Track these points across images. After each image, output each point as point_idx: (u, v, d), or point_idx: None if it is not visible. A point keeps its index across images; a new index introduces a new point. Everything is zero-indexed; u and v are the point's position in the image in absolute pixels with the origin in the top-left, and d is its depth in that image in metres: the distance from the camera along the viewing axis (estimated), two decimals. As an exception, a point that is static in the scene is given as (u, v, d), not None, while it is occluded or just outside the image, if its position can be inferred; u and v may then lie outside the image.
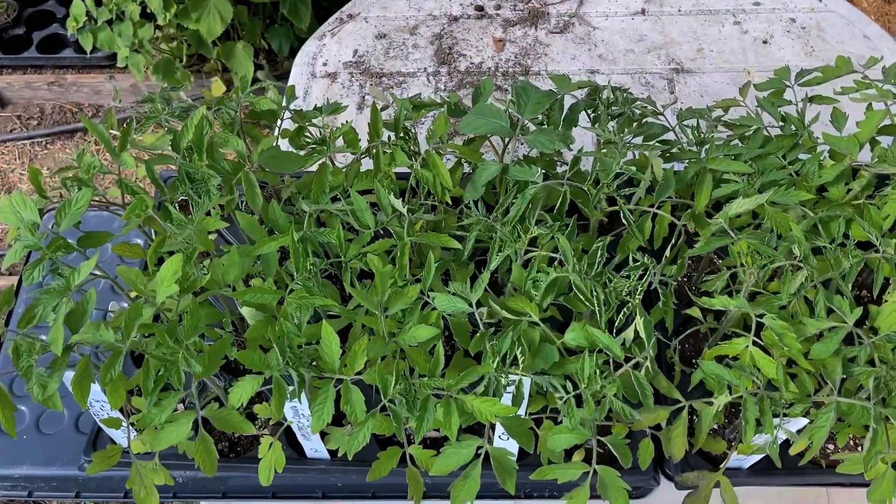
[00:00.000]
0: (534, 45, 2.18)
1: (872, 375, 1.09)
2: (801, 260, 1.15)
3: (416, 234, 1.27)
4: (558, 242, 1.18)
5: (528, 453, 1.30)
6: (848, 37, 2.14)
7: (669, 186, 1.28)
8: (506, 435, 1.15)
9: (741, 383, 1.09)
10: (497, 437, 1.20)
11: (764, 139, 1.36)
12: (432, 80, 2.13)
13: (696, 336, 1.48)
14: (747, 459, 1.30)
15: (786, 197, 1.22)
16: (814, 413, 1.07)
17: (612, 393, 1.07)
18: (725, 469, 1.33)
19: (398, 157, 1.34)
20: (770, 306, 1.14)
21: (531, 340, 1.16)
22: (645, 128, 1.40)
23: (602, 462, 1.15)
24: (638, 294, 1.13)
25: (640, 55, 2.15)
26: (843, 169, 1.27)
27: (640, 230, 1.25)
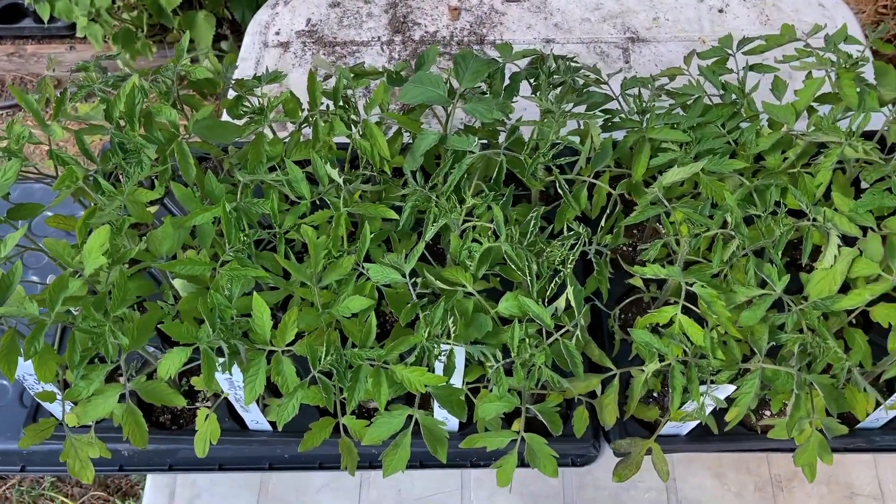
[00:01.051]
0: (489, 14, 2.16)
1: (798, 342, 1.10)
2: (733, 228, 1.16)
3: (353, 205, 1.26)
4: (493, 212, 1.18)
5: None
6: (803, 5, 2.14)
7: (606, 156, 1.28)
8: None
9: (669, 351, 1.10)
10: (437, 406, 1.20)
11: (704, 108, 1.36)
12: (386, 50, 2.11)
13: (639, 304, 1.49)
14: (684, 426, 1.32)
15: (720, 165, 1.22)
16: (740, 380, 1.08)
17: (542, 361, 1.07)
18: (663, 436, 1.35)
19: (337, 126, 1.33)
20: (702, 275, 1.15)
21: (464, 310, 1.16)
22: (587, 97, 1.39)
23: (541, 430, 1.16)
24: (570, 263, 1.13)
25: (596, 24, 2.13)
26: (778, 138, 1.27)
27: (577, 200, 1.25)
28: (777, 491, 1.49)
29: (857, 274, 1.11)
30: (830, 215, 1.14)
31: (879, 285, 1.09)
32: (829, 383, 1.09)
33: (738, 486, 1.50)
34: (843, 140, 1.19)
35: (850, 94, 1.28)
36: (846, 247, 1.13)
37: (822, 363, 1.09)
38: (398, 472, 1.10)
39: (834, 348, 1.08)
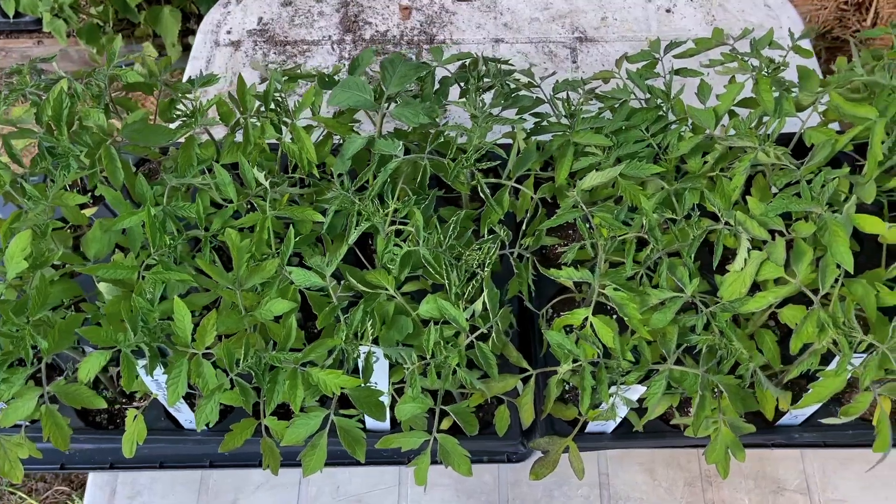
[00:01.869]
0: (440, 14, 2.18)
1: (706, 343, 1.13)
2: (647, 232, 1.18)
3: (281, 208, 1.28)
4: (414, 216, 1.20)
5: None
6: (749, 6, 2.16)
7: (528, 160, 1.30)
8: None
9: (580, 352, 1.12)
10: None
11: (631, 112, 1.38)
12: (336, 49, 2.12)
13: (571, 304, 1.52)
14: (609, 424, 1.35)
15: (638, 169, 1.25)
16: (649, 381, 1.11)
17: (455, 363, 1.10)
18: (590, 434, 1.38)
19: (267, 130, 1.35)
20: (616, 277, 1.18)
21: (385, 313, 1.18)
22: (515, 101, 1.41)
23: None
24: (488, 266, 1.15)
25: (545, 24, 2.15)
26: (698, 142, 1.30)
27: (499, 203, 1.27)
28: (706, 486, 1.52)
29: (763, 277, 1.14)
30: (742, 219, 1.16)
31: (783, 289, 1.12)
32: (735, 384, 1.12)
33: (669, 482, 1.54)
34: (756, 145, 1.22)
35: (767, 99, 1.30)
36: (756, 250, 1.16)
37: (730, 364, 1.12)
38: (317, 471, 1.13)
39: (740, 349, 1.10)
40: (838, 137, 1.23)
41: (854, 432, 1.35)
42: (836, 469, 1.54)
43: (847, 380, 1.08)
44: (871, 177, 1.20)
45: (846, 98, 1.32)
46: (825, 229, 1.11)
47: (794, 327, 1.14)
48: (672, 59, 1.45)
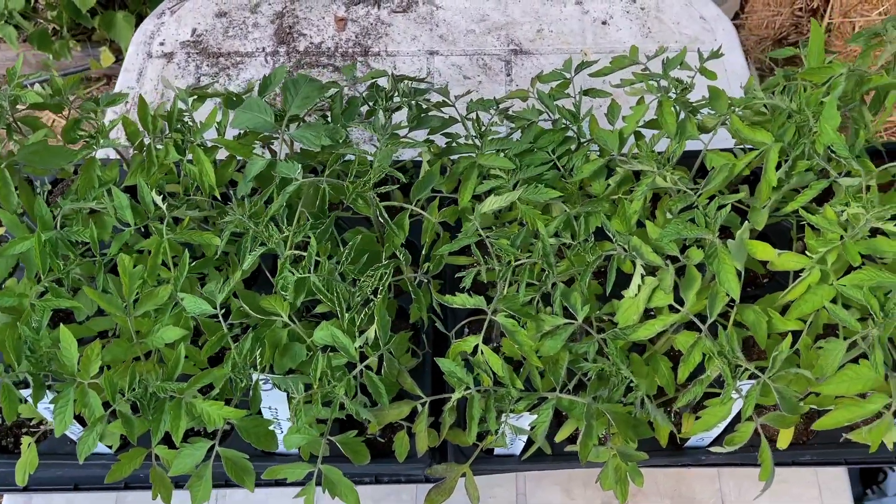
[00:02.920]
0: (375, 25, 2.16)
1: (595, 370, 1.12)
2: (542, 257, 1.18)
3: (179, 232, 1.26)
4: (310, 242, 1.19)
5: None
6: (685, 18, 2.17)
7: (428, 183, 1.29)
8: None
9: (469, 380, 1.12)
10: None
11: (539, 133, 1.38)
12: (270, 61, 2.10)
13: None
14: (516, 446, 1.34)
15: (535, 194, 1.24)
16: (537, 409, 1.11)
17: (342, 393, 1.09)
18: (498, 456, 1.37)
19: (170, 151, 1.33)
20: (511, 303, 1.17)
21: (278, 340, 1.17)
22: (425, 121, 1.40)
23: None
24: (381, 293, 1.14)
25: (481, 36, 2.15)
26: (600, 165, 1.30)
27: (400, 227, 1.27)
28: (623, 505, 1.52)
29: (654, 304, 1.14)
30: (637, 244, 1.16)
31: (670, 317, 1.12)
32: (624, 412, 1.11)
33: (586, 501, 1.54)
34: (654, 168, 1.21)
35: (670, 121, 1.30)
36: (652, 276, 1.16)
37: (619, 391, 1.12)
38: (205, 501, 1.11)
39: (628, 376, 1.10)
40: (736, 161, 1.23)
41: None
42: (750, 487, 1.55)
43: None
44: (764, 202, 1.20)
45: (752, 120, 1.32)
46: (714, 256, 1.11)
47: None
48: (601, 78, 1.45)
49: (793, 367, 1.13)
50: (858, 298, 1.05)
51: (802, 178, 1.22)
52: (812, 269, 1.12)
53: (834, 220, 1.13)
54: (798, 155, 1.21)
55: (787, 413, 1.04)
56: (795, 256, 1.13)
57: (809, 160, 1.21)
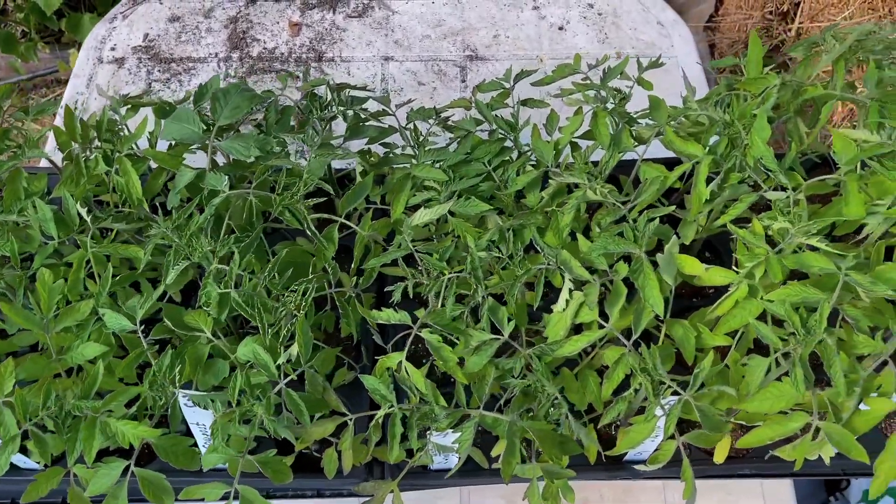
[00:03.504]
0: (330, 30, 2.14)
1: (521, 387, 1.11)
2: (470, 272, 1.16)
3: (104, 245, 1.24)
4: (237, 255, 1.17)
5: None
6: (642, 23, 2.15)
7: (359, 195, 1.27)
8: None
9: (392, 398, 1.10)
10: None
11: (476, 143, 1.36)
12: (223, 66, 2.08)
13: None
14: (451, 461, 1.32)
15: (466, 207, 1.22)
16: (460, 426, 1.09)
17: (261, 412, 1.07)
18: (435, 471, 1.36)
19: (99, 162, 1.31)
20: (439, 318, 1.15)
21: (200, 356, 1.15)
22: (360, 131, 1.38)
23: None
24: (304, 308, 1.12)
25: (436, 41, 2.13)
26: (534, 176, 1.28)
27: (329, 240, 1.24)
28: (566, 517, 1.51)
29: (580, 320, 1.12)
30: (566, 258, 1.14)
31: (595, 332, 1.10)
32: (549, 429, 1.09)
33: (529, 513, 1.52)
34: (584, 181, 1.20)
35: (603, 132, 1.28)
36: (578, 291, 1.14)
37: (544, 408, 1.10)
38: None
39: (553, 393, 1.09)
40: (668, 174, 1.22)
41: (699, 467, 1.34)
42: (697, 498, 1.53)
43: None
44: (694, 216, 1.19)
45: (688, 132, 1.31)
46: (640, 271, 1.09)
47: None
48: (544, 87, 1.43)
49: (723, 383, 1.12)
50: (781, 315, 1.03)
51: (736, 190, 1.21)
52: (740, 283, 1.11)
53: (761, 234, 1.11)
54: (730, 167, 1.20)
55: (709, 431, 1.03)
56: (723, 271, 1.12)
57: (741, 172, 1.19)
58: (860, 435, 1.04)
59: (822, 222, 1.05)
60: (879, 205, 1.07)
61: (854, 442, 1.00)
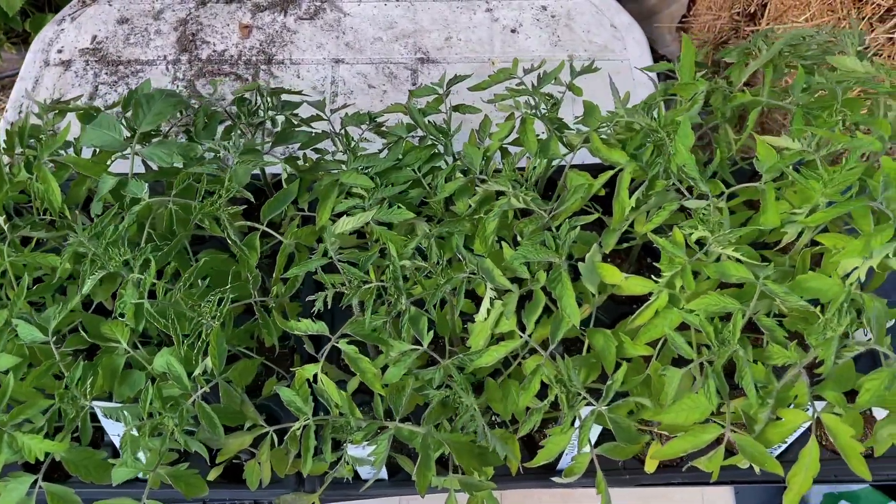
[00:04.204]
0: (281, 33, 2.12)
1: (439, 398, 1.09)
2: (389, 282, 1.14)
3: (22, 254, 1.22)
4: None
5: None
6: (595, 26, 2.14)
7: (282, 202, 1.26)
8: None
9: (307, 410, 1.08)
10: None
11: (408, 149, 1.34)
12: (171, 69, 2.05)
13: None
14: (383, 472, 1.31)
15: (389, 215, 1.21)
16: (375, 439, 1.07)
17: (172, 425, 1.05)
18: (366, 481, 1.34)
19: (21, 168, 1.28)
20: (358, 328, 1.13)
21: (115, 368, 1.13)
22: (289, 136, 1.36)
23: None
24: (219, 319, 1.10)
25: (388, 43, 2.11)
26: (461, 183, 1.26)
27: (250, 248, 1.23)
28: (501, 525, 1.50)
29: (499, 330, 1.11)
30: (489, 266, 1.13)
31: (512, 343, 1.09)
32: (466, 440, 1.08)
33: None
34: (509, 188, 1.18)
35: (531, 139, 1.27)
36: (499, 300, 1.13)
37: (462, 419, 1.09)
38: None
39: (472, 405, 1.07)
40: (592, 181, 1.20)
41: (631, 476, 1.33)
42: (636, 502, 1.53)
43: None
44: (617, 224, 1.17)
45: (618, 138, 1.30)
46: (557, 281, 1.08)
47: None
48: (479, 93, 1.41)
49: (647, 393, 1.11)
50: (695, 324, 1.02)
51: (663, 197, 1.19)
52: (660, 293, 1.10)
53: (681, 243, 1.10)
54: (655, 175, 1.19)
55: (622, 443, 1.02)
56: (642, 280, 1.11)
57: (667, 180, 1.18)
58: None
59: (738, 231, 1.04)
60: (797, 213, 1.05)
61: (765, 454, 0.99)
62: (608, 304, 1.28)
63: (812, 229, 1.15)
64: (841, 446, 0.97)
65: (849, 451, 0.97)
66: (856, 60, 1.25)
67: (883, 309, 1.04)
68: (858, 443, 0.97)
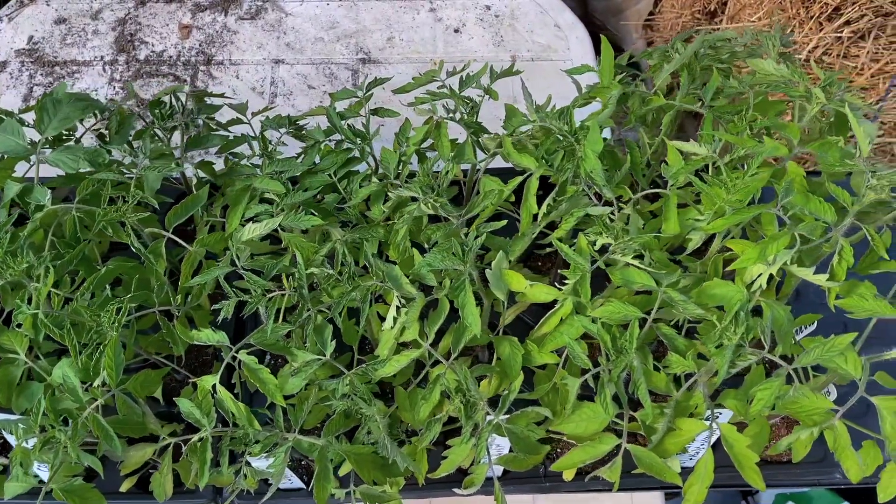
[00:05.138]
0: (221, 33, 2.09)
1: (342, 408, 1.08)
2: (295, 290, 1.13)
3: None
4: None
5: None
6: (539, 25, 2.12)
7: (190, 207, 1.23)
8: None
9: (206, 422, 1.06)
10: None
11: (326, 153, 1.32)
12: (108, 70, 2.02)
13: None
14: (291, 483, 1.29)
15: (297, 221, 1.19)
16: (274, 451, 1.06)
17: (65, 439, 1.03)
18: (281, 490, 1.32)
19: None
20: (260, 338, 1.12)
21: (11, 379, 1.11)
22: (203, 140, 1.34)
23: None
24: (116, 329, 1.08)
25: (329, 44, 2.08)
26: (375, 189, 1.24)
27: (156, 254, 1.20)
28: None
29: (404, 339, 1.09)
30: (396, 274, 1.11)
31: (414, 352, 1.07)
32: (368, 451, 1.06)
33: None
34: (419, 194, 1.16)
35: (444, 144, 1.26)
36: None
37: (362, 431, 1.07)
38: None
39: (373, 415, 1.05)
40: (503, 186, 1.19)
41: (551, 483, 1.32)
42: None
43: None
44: (524, 230, 1.16)
45: (535, 143, 1.28)
46: (460, 289, 1.06)
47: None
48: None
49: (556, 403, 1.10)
50: (593, 333, 1.01)
51: (575, 202, 1.18)
52: (565, 300, 1.08)
53: (586, 250, 1.09)
54: (566, 180, 1.17)
55: (521, 454, 1.00)
56: (546, 288, 1.09)
57: (578, 186, 1.17)
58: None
59: (639, 238, 1.03)
60: (700, 220, 1.04)
61: (661, 464, 0.98)
62: (538, 309, 1.26)
63: (721, 236, 1.14)
64: (735, 455, 0.96)
65: (743, 461, 0.96)
66: (772, 63, 1.24)
67: (786, 316, 1.03)
68: (753, 452, 0.96)
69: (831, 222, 1.02)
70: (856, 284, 1.07)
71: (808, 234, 0.98)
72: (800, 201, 1.04)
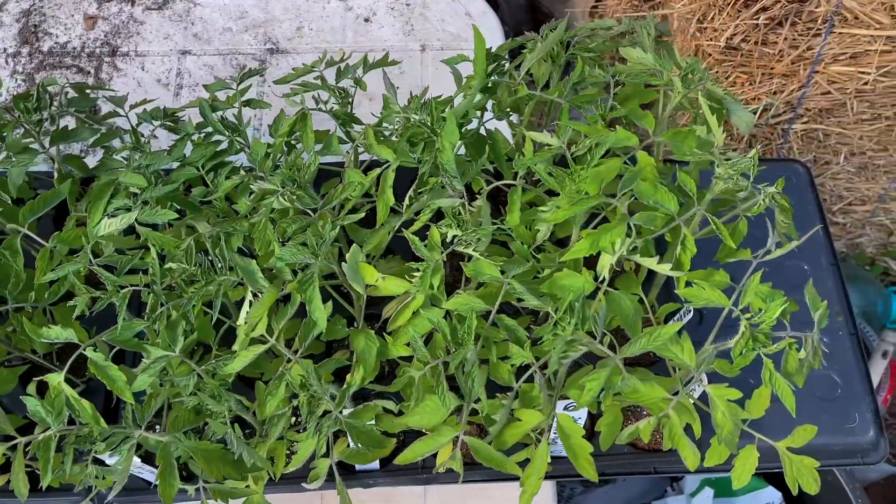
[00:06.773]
0: (127, 24, 2.06)
1: (192, 404, 1.07)
2: (149, 285, 1.11)
3: None
4: None
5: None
6: (450, 14, 2.11)
7: (48, 202, 1.21)
8: None
9: (49, 420, 1.05)
10: None
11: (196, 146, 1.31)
12: (11, 63, 1.99)
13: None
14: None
15: (153, 216, 1.17)
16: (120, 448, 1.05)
17: None
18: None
19: None
20: (113, 334, 1.10)
21: None
22: (71, 134, 1.32)
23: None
24: None
25: (237, 34, 2.06)
26: (238, 181, 1.23)
27: (14, 251, 1.18)
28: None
29: (256, 333, 1.08)
30: (252, 269, 1.10)
31: (259, 347, 1.06)
32: (216, 448, 1.06)
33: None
34: (278, 187, 1.15)
35: (308, 135, 1.25)
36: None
37: (212, 427, 1.06)
38: None
39: (221, 412, 1.05)
40: (363, 178, 1.18)
41: (427, 476, 1.32)
42: (454, 500, 1.52)
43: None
44: (381, 222, 1.15)
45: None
46: (309, 283, 1.05)
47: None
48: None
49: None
50: (435, 325, 1.01)
51: (436, 194, 1.17)
52: (416, 293, 1.08)
53: (437, 242, 1.08)
54: (426, 172, 1.17)
55: (364, 448, 1.00)
56: (397, 281, 1.09)
57: (438, 177, 1.16)
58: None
59: (481, 231, 1.03)
60: (543, 211, 1.04)
61: (499, 456, 0.98)
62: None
63: (578, 226, 1.14)
64: (569, 446, 0.97)
65: (577, 452, 0.96)
66: (641, 52, 1.24)
67: (633, 306, 1.04)
68: (588, 443, 0.96)
69: (674, 212, 1.03)
70: (711, 273, 1.08)
71: (645, 223, 0.99)
72: (647, 190, 1.04)
